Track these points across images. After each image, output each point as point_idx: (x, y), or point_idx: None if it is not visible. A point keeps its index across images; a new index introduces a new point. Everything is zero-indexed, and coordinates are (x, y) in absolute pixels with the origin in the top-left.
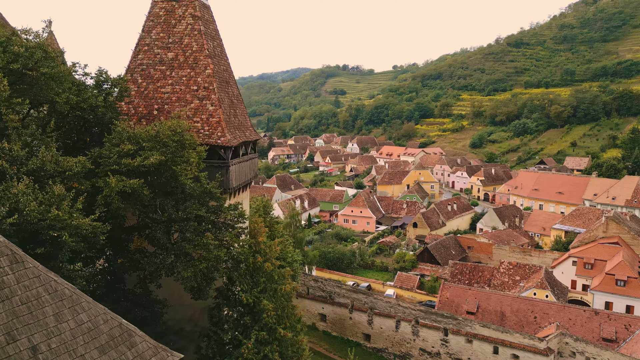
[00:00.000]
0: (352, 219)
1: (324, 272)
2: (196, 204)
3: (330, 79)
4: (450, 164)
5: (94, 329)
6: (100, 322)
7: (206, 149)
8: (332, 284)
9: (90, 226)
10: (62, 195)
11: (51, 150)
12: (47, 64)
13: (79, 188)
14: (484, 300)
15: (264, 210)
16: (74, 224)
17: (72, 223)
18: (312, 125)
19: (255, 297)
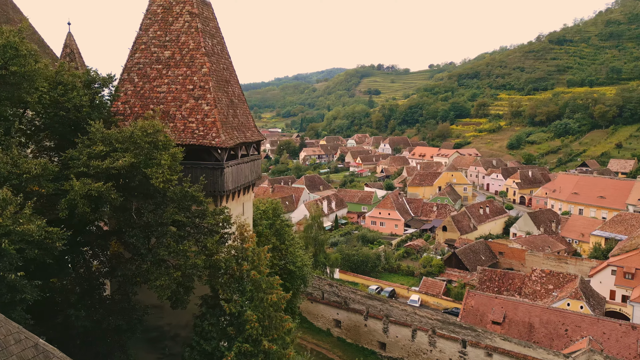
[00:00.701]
0: (380, 221)
1: (348, 275)
2: (175, 209)
3: (365, 79)
4: (485, 166)
5: (2, 350)
6: (11, 342)
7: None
8: (347, 289)
9: (43, 232)
10: (7, 199)
11: (11, 152)
12: (17, 62)
13: (39, 191)
14: (511, 310)
15: (274, 213)
16: (18, 230)
17: (16, 229)
18: (345, 125)
19: (240, 307)
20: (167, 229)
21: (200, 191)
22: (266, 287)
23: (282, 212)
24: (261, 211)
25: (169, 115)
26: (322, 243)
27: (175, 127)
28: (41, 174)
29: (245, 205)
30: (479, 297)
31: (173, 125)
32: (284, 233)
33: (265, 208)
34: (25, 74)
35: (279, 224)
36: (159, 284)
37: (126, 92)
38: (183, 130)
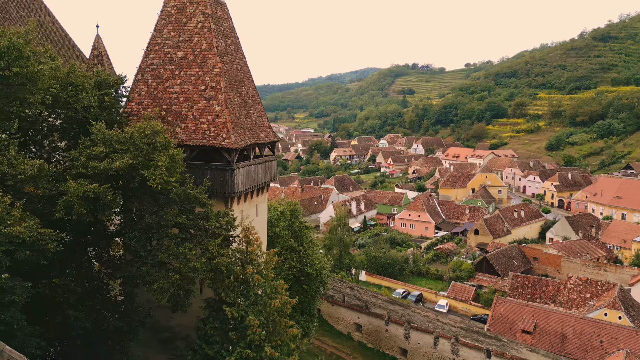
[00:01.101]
0: (410, 223)
1: (374, 278)
2: (176, 210)
3: (399, 79)
4: (522, 167)
5: None
6: None
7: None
8: (368, 293)
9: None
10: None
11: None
12: (20, 63)
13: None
14: (542, 319)
15: (292, 215)
16: (5, 231)
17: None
18: (377, 125)
19: (243, 311)
20: (167, 231)
21: (204, 193)
22: (270, 292)
23: (300, 213)
24: (279, 212)
25: (180, 116)
26: (347, 245)
27: (187, 128)
28: (37, 175)
29: (259, 207)
30: (508, 305)
31: (184, 126)
32: (302, 235)
33: (283, 209)
34: (28, 75)
35: (297, 226)
36: (157, 287)
37: (140, 93)
38: (194, 131)
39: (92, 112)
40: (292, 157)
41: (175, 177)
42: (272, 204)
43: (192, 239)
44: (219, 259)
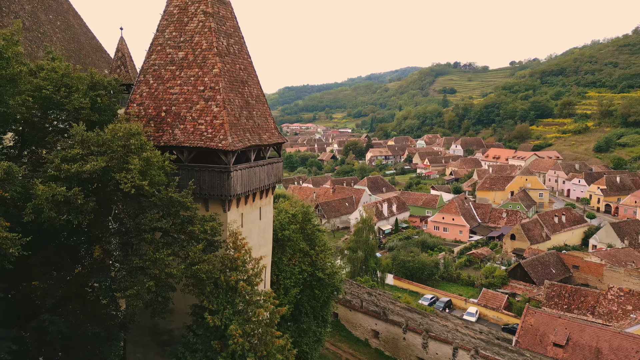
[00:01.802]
0: (443, 226)
1: (402, 282)
2: (156, 214)
3: (440, 78)
4: (566, 170)
5: None
6: None
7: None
8: (386, 299)
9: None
10: None
11: None
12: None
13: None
14: (576, 332)
15: (304, 217)
16: None
17: None
18: (415, 125)
19: (227, 320)
20: (145, 235)
21: (189, 196)
22: (257, 301)
23: (313, 216)
24: (290, 215)
25: (180, 117)
26: (373, 247)
27: (185, 129)
28: (5, 178)
29: (263, 210)
30: (540, 315)
31: (183, 127)
32: (314, 238)
33: (294, 212)
34: (7, 76)
35: (309, 229)
36: (129, 294)
37: (141, 94)
38: (192, 133)
39: (82, 114)
40: (328, 157)
41: (148, 180)
42: (283, 206)
43: (174, 244)
44: (199, 265)
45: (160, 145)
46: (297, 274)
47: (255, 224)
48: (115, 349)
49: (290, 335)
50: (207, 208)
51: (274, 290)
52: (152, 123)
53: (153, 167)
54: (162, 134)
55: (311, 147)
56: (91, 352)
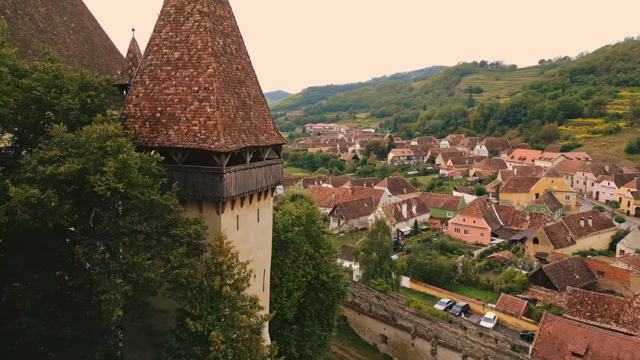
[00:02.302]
0: (464, 228)
1: (419, 285)
2: (136, 217)
3: (466, 77)
4: (595, 172)
5: None
6: None
7: (201, 154)
8: (394, 304)
9: None
10: None
11: None
12: None
13: None
14: (596, 342)
15: (308, 219)
16: None
17: None
18: (439, 125)
19: (210, 325)
20: (124, 239)
21: (174, 198)
22: (243, 306)
23: (318, 218)
24: (294, 217)
25: (174, 118)
26: (388, 250)
27: (180, 130)
28: None
29: (262, 212)
30: (558, 323)
31: (177, 128)
32: (319, 241)
33: (298, 214)
34: None
35: (314, 231)
36: (104, 298)
37: (137, 95)
38: (186, 134)
39: (72, 115)
40: (349, 157)
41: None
42: (288, 208)
43: (157, 248)
44: (179, 270)
45: (154, 147)
46: (300, 276)
47: (252, 227)
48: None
49: (294, 338)
50: (201, 210)
51: (276, 293)
52: (147, 124)
53: (131, 169)
54: (157, 134)
55: (333, 147)
56: (72, 356)
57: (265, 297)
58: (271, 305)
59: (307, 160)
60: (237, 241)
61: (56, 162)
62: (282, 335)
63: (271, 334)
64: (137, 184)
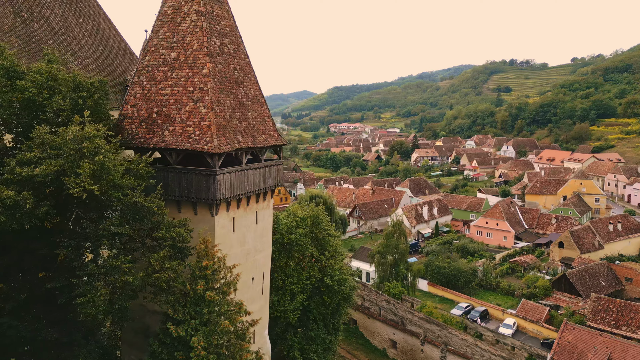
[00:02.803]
0: (487, 231)
1: (437, 289)
2: (116, 220)
3: (494, 76)
4: (628, 174)
5: None
6: None
7: (196, 155)
8: (404, 309)
9: None
10: None
11: None
12: None
13: None
14: (618, 352)
15: (313, 222)
16: None
17: None
18: (465, 125)
19: (193, 330)
20: (103, 241)
21: (159, 200)
22: (227, 311)
23: (323, 220)
24: (298, 219)
25: (170, 119)
26: (404, 252)
27: (174, 131)
28: None
29: (260, 214)
30: (578, 332)
31: (172, 129)
32: (325, 243)
33: (303, 215)
34: None
35: (319, 233)
36: (81, 301)
37: (135, 95)
38: (181, 135)
39: (62, 116)
40: (372, 157)
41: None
42: (293, 209)
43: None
44: (159, 274)
45: (149, 147)
46: (304, 279)
47: (250, 229)
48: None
49: (297, 341)
50: (196, 211)
51: (280, 296)
52: (143, 125)
53: (110, 171)
54: (153, 135)
55: (356, 147)
56: (54, 358)
57: (264, 300)
58: (274, 307)
59: (329, 161)
60: (234, 243)
61: (35, 163)
62: (286, 339)
63: (274, 337)
64: (121, 185)
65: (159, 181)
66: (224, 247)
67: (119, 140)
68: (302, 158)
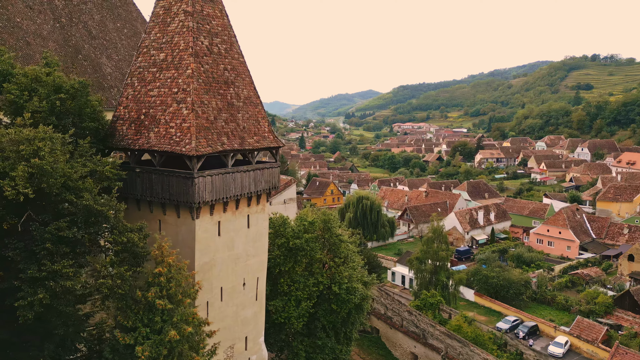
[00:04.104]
0: (548, 240)
1: (484, 299)
2: (63, 223)
3: (573, 72)
4: None
5: None
6: None
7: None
8: (425, 321)
9: None
10: None
11: None
12: None
13: None
14: None
15: (324, 225)
16: None
17: None
18: (537, 125)
19: (143, 338)
20: (47, 245)
21: (112, 202)
22: (179, 321)
23: (335, 224)
24: (306, 223)
25: (155, 120)
26: (444, 259)
27: (159, 133)
28: None
29: (253, 217)
30: (632, 357)
31: (157, 130)
32: (335, 249)
33: (312, 219)
34: None
35: (333, 238)
36: (18, 304)
37: (127, 97)
38: (164, 136)
39: (37, 118)
40: (433, 158)
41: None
42: (304, 213)
43: (90, 255)
44: (103, 280)
45: (135, 149)
46: (311, 285)
47: (240, 233)
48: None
49: (303, 349)
50: (179, 214)
51: (285, 302)
52: (133, 126)
53: (52, 174)
54: (140, 137)
55: (418, 148)
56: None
57: (259, 306)
58: (278, 313)
59: (387, 161)
60: (219, 247)
61: None
62: (292, 345)
63: (280, 343)
64: (77, 187)
65: (145, 183)
66: (207, 251)
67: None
68: (361, 158)
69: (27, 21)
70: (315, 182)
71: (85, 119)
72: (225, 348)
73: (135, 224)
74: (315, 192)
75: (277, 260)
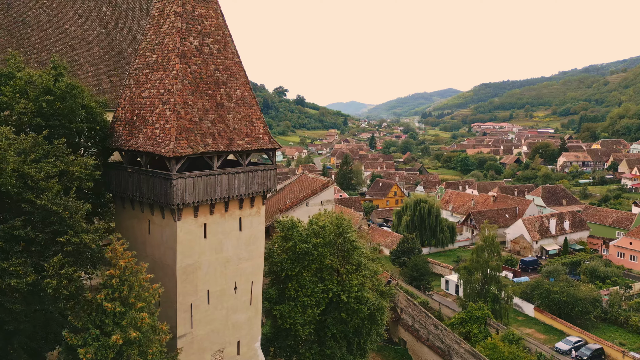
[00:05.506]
0: (631, 253)
1: (544, 316)
2: (18, 222)
3: None
4: None
5: None
6: None
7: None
8: (451, 337)
9: None
10: None
11: None
12: None
13: None
14: None
15: (339, 230)
16: None
17: None
18: (634, 126)
19: (92, 340)
20: None
21: (70, 203)
22: (127, 325)
23: (348, 229)
24: (317, 227)
25: (144, 121)
26: (495, 270)
27: (146, 133)
28: None
29: (246, 220)
30: None
31: (145, 131)
32: (348, 255)
33: (323, 224)
34: None
35: (347, 243)
36: None
37: (125, 98)
38: (150, 137)
39: (23, 119)
40: (511, 160)
41: None
42: (315, 216)
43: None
44: (49, 279)
45: (127, 149)
46: (319, 292)
47: (230, 236)
48: None
49: (310, 357)
50: (163, 215)
51: (291, 307)
52: (127, 127)
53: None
54: (131, 137)
55: (495, 149)
56: None
57: (254, 311)
58: (283, 318)
59: (460, 162)
60: (206, 250)
61: None
62: (299, 352)
63: (287, 349)
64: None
65: (135, 183)
66: (191, 253)
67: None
68: (433, 159)
69: (74, 27)
70: (379, 184)
71: (76, 120)
72: (214, 352)
73: (129, 222)
74: (377, 194)
75: (283, 264)
